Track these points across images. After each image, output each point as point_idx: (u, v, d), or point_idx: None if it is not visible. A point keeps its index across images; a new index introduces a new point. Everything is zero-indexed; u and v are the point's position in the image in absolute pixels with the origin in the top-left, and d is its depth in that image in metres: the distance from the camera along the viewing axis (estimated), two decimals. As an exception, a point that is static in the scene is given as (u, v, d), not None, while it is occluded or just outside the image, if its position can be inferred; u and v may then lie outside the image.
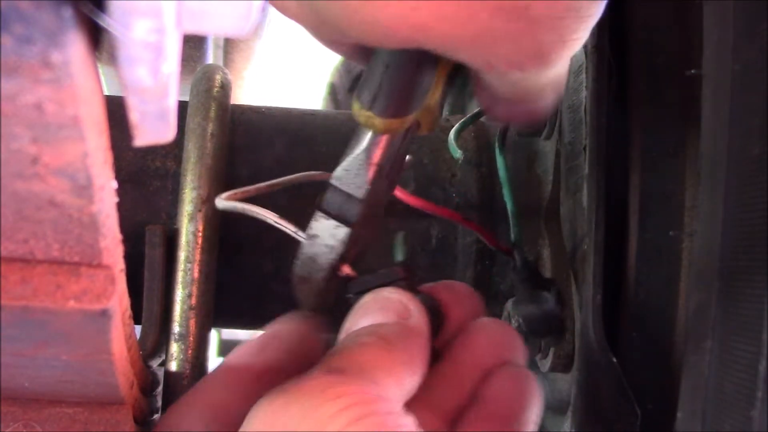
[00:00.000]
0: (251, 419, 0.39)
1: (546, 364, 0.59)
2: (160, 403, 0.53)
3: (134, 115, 0.23)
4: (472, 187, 0.62)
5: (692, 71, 0.51)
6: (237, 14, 0.23)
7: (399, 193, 0.54)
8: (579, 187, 0.56)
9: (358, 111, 0.44)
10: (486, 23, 0.35)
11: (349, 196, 0.47)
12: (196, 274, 0.55)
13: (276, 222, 0.50)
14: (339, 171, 0.47)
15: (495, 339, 0.48)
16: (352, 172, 0.46)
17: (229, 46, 1.27)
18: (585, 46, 0.54)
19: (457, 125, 0.61)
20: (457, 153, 0.60)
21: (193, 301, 0.54)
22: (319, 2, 0.37)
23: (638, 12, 0.54)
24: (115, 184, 0.29)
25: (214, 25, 0.23)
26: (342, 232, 0.47)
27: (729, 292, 0.41)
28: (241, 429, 0.39)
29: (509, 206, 0.57)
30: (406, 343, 0.43)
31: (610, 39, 0.53)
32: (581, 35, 0.38)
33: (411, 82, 0.43)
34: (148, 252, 0.55)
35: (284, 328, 0.48)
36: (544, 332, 0.57)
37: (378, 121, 0.44)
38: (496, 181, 0.63)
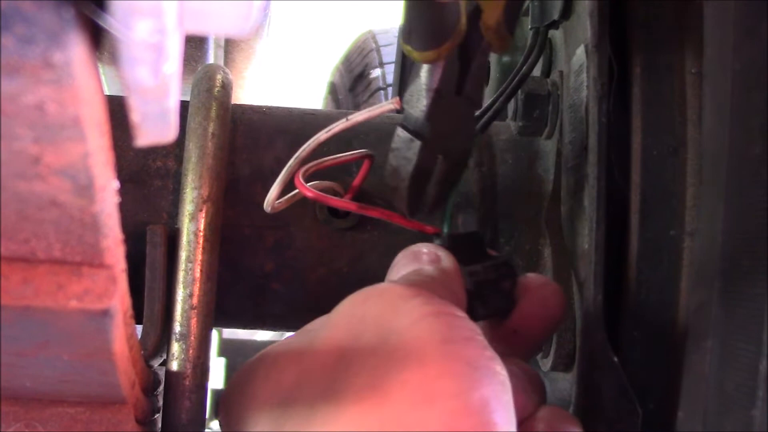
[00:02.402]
0: (336, 309, 0.43)
1: (547, 363, 0.59)
2: (161, 403, 0.53)
3: (135, 116, 0.23)
4: (473, 187, 0.62)
5: (693, 70, 0.51)
6: (238, 14, 0.23)
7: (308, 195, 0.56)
8: (580, 187, 0.56)
9: (403, 45, 0.50)
10: None
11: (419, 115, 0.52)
12: (197, 274, 0.55)
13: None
14: (406, 96, 0.53)
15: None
16: (414, 96, 0.52)
17: (230, 45, 1.27)
18: (586, 46, 0.54)
19: None
20: None
21: (195, 300, 0.54)
22: None
23: (638, 11, 0.54)
24: (116, 184, 0.29)
25: (215, 26, 0.23)
26: (416, 145, 0.52)
27: (730, 291, 0.41)
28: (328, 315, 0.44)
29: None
30: (445, 279, 0.47)
31: (611, 38, 0.53)
32: None
33: (429, 19, 0.48)
34: (149, 252, 0.55)
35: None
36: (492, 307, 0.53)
37: (415, 54, 0.49)
38: (497, 180, 0.63)
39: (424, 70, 0.51)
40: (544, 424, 0.48)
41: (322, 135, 0.56)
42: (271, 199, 0.56)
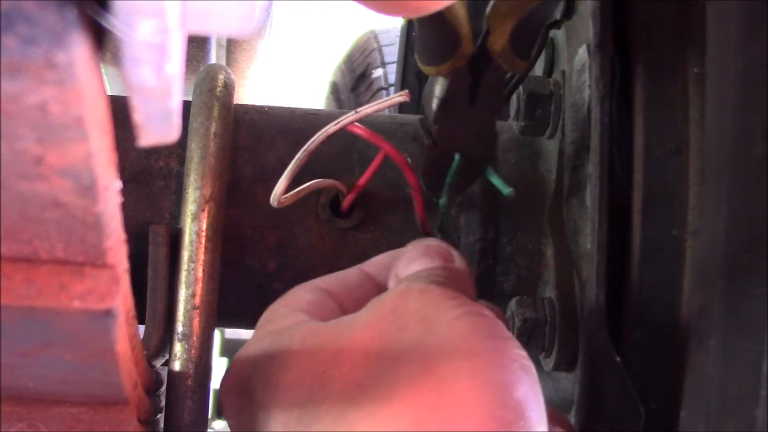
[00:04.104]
0: (373, 302, 0.44)
1: (550, 363, 0.59)
2: (163, 403, 0.53)
3: (138, 116, 0.23)
4: (475, 187, 0.62)
5: (696, 70, 0.51)
6: (240, 14, 0.23)
7: (356, 129, 0.56)
8: (582, 186, 0.56)
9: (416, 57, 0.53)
10: None
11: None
12: (199, 274, 0.55)
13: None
14: (424, 95, 0.56)
15: None
16: (427, 99, 0.55)
17: (232, 45, 1.27)
18: (588, 45, 0.54)
19: None
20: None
21: (197, 300, 0.54)
22: None
23: (640, 11, 0.54)
24: (119, 184, 0.29)
25: (217, 26, 0.23)
26: (426, 142, 0.56)
27: (732, 291, 0.41)
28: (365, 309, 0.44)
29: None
30: (459, 280, 0.47)
31: (613, 38, 0.53)
32: None
33: (430, 40, 0.51)
34: (151, 252, 0.55)
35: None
36: None
37: (422, 68, 0.52)
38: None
39: (431, 80, 0.53)
40: None
41: (331, 127, 0.56)
42: (278, 193, 0.56)
